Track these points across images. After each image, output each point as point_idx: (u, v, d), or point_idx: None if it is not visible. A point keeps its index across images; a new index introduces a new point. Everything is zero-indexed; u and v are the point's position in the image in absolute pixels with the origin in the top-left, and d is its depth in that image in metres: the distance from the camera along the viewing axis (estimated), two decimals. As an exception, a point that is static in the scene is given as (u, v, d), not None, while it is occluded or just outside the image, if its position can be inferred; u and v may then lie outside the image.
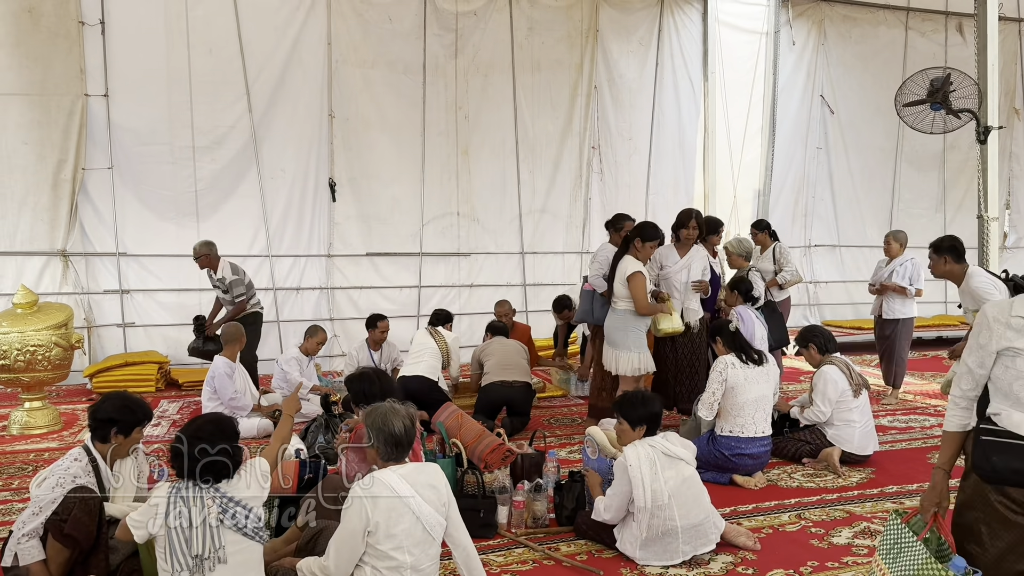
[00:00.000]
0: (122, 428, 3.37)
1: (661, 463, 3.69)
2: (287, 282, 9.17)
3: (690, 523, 3.66)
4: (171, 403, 7.59)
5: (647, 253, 5.67)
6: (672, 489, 3.66)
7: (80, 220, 8.43)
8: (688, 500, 3.70)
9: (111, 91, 8.38)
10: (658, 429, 3.90)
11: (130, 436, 3.38)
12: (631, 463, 3.66)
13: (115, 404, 3.42)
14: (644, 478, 3.63)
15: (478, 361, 6.54)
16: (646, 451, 3.71)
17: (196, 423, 3.04)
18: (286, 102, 8.97)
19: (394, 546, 2.87)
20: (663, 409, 4.07)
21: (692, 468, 3.82)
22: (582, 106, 10.16)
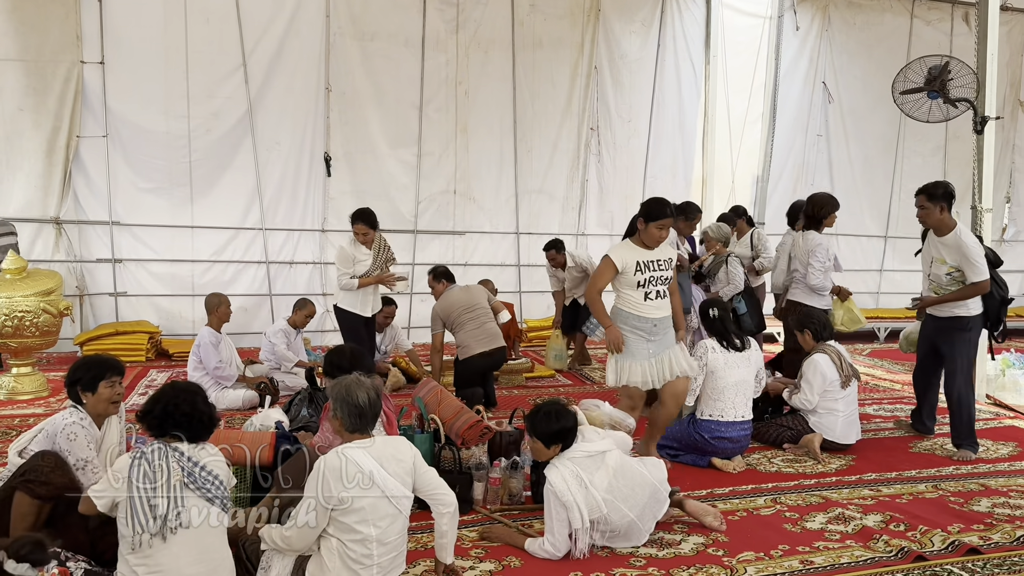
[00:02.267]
0: (86, 384, 3.38)
1: (587, 471, 3.51)
2: (280, 256, 9.17)
3: (641, 506, 3.61)
4: (160, 373, 7.62)
5: (654, 235, 4.61)
6: (607, 489, 3.50)
7: (74, 188, 8.43)
8: (629, 488, 3.57)
9: (107, 59, 8.34)
10: (574, 439, 3.61)
11: (97, 392, 3.39)
12: (558, 489, 3.42)
13: (76, 365, 3.48)
14: (576, 498, 3.43)
15: (442, 320, 6.28)
16: (569, 469, 3.49)
17: (176, 385, 3.06)
18: (283, 74, 8.93)
19: (359, 519, 2.88)
20: (576, 420, 3.68)
21: (616, 452, 3.65)
22: (582, 86, 10.09)
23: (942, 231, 5.03)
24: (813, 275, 5.69)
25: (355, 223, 6.17)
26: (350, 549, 2.91)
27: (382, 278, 6.25)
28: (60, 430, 3.29)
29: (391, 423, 4.07)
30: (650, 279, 4.58)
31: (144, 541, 2.75)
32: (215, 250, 8.98)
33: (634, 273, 4.56)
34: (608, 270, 4.61)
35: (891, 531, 3.90)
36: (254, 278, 9.13)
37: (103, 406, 3.45)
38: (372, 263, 6.21)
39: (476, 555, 3.57)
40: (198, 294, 8.51)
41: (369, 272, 6.21)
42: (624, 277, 4.60)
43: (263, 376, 6.62)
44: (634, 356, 4.58)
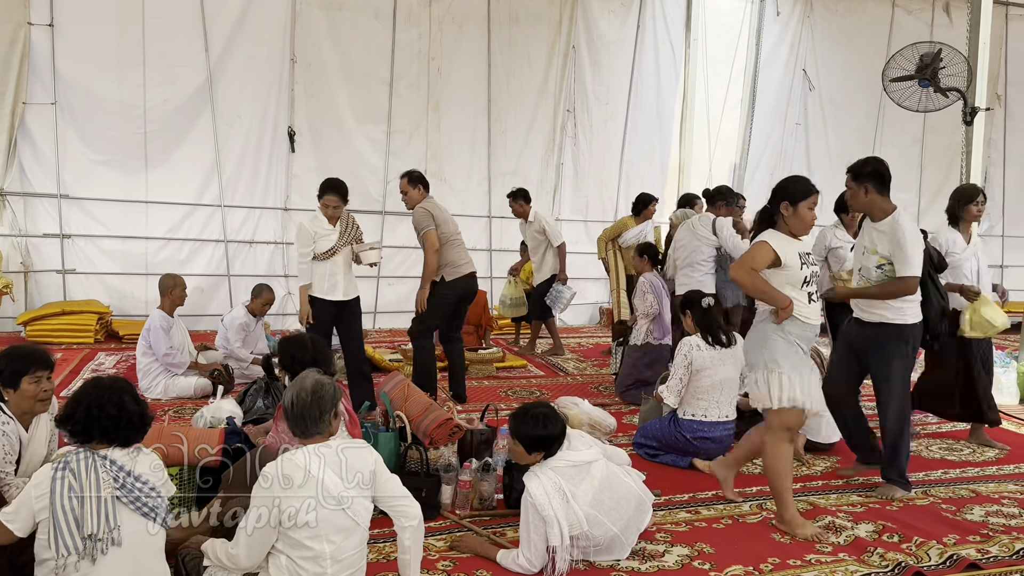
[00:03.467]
0: (6, 379, 3.01)
1: (571, 483, 3.22)
2: (240, 235, 8.75)
3: (626, 519, 3.34)
4: (109, 356, 7.22)
5: (807, 219, 3.68)
6: (591, 504, 3.22)
7: (19, 158, 7.94)
8: (614, 502, 3.31)
9: (56, 21, 7.85)
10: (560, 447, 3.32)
11: (20, 388, 3.01)
12: (538, 501, 3.13)
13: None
14: (557, 512, 3.13)
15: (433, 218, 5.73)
16: (551, 479, 3.19)
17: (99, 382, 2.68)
18: (245, 43, 8.49)
19: (311, 535, 2.57)
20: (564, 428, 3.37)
21: (601, 461, 3.37)
22: (559, 66, 9.76)
23: (876, 216, 4.16)
24: None
25: (325, 194, 5.45)
26: (301, 567, 2.60)
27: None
28: None
29: (354, 422, 3.74)
30: (811, 276, 3.73)
31: (70, 564, 2.41)
32: (170, 227, 8.52)
33: (800, 268, 3.66)
34: (765, 256, 3.61)
35: (885, 543, 3.68)
36: (211, 257, 8.70)
37: (28, 404, 3.07)
38: (338, 240, 5.47)
39: (443, 568, 3.27)
40: (152, 273, 8.09)
41: (336, 250, 5.45)
42: (789, 274, 3.64)
43: (217, 363, 6.23)
44: (800, 371, 3.66)
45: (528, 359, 7.65)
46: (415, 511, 2.79)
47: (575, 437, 3.37)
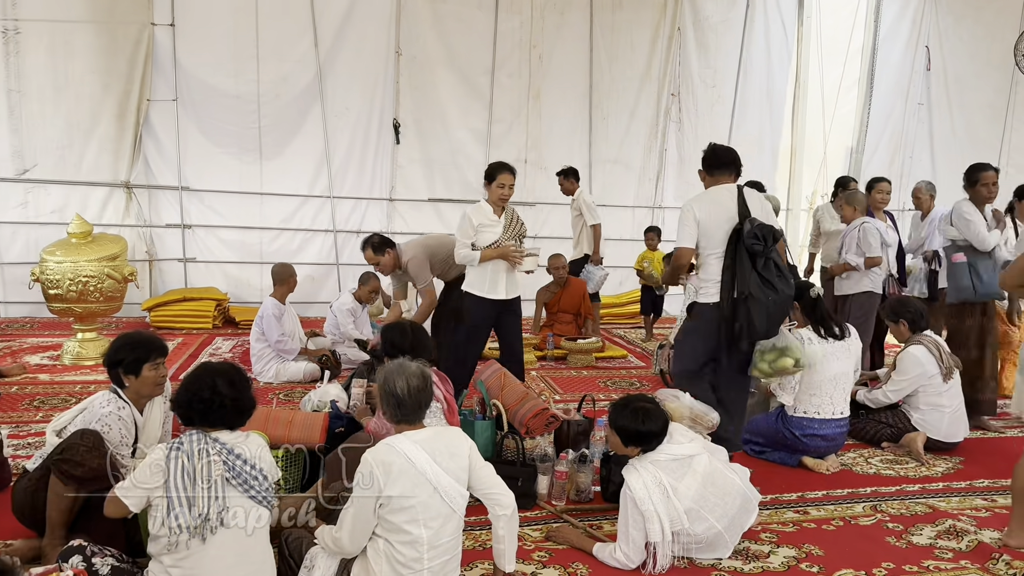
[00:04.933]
0: (128, 366, 3.15)
1: (672, 477, 3.11)
2: (347, 225, 8.98)
3: (730, 517, 3.21)
4: (226, 340, 7.53)
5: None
6: (694, 499, 3.12)
7: (144, 152, 8.38)
8: (718, 498, 3.19)
9: (177, 21, 8.23)
10: (660, 443, 3.21)
11: (141, 375, 3.16)
12: (638, 495, 3.04)
13: (117, 344, 3.21)
14: (657, 508, 3.05)
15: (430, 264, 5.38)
16: (651, 474, 3.10)
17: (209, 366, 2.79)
18: (353, 37, 8.68)
19: (408, 519, 2.58)
20: (667, 422, 3.25)
21: (704, 455, 3.24)
22: (663, 49, 9.53)
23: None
24: None
25: (498, 173, 4.87)
26: (398, 551, 2.62)
27: (505, 250, 4.90)
28: (96, 419, 3.07)
29: (452, 410, 3.77)
30: None
31: (182, 541, 2.51)
32: (283, 217, 8.85)
33: None
34: None
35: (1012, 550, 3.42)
36: (321, 247, 8.98)
37: (147, 389, 3.23)
38: (503, 234, 4.92)
39: (539, 559, 3.25)
40: (266, 262, 8.41)
41: (499, 244, 4.92)
42: None
43: (325, 349, 6.43)
44: None
45: (629, 350, 7.54)
46: (509, 500, 2.77)
47: (676, 430, 3.27)
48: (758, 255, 3.98)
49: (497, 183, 4.85)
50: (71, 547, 2.62)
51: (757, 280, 3.96)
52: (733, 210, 4.12)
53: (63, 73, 8.00)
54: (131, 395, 3.20)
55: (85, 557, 2.55)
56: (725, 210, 4.11)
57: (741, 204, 4.13)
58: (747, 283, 3.95)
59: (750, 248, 3.96)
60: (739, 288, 3.98)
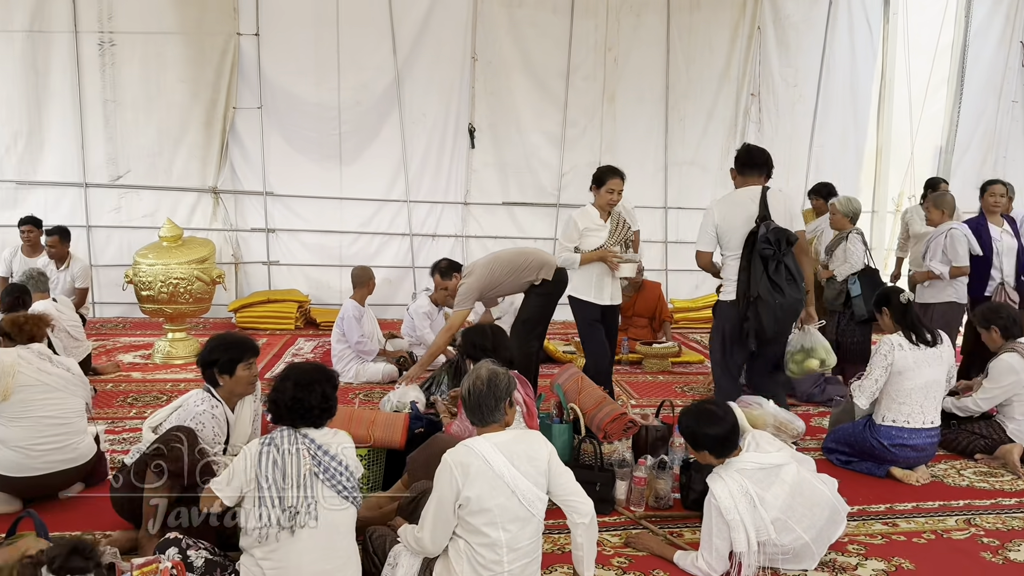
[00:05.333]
0: (224, 366, 3.27)
1: (759, 486, 3.02)
2: (423, 228, 9.11)
3: (818, 528, 3.12)
4: (307, 341, 7.72)
5: None
6: (782, 509, 3.03)
7: (230, 159, 8.66)
8: (806, 508, 3.10)
9: (261, 30, 8.48)
10: (733, 449, 3.15)
11: (235, 375, 3.28)
12: (723, 504, 2.97)
13: (212, 345, 3.33)
14: (743, 517, 2.97)
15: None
16: (737, 482, 3.02)
17: (298, 367, 2.88)
18: (430, 44, 8.79)
19: (487, 521, 2.60)
20: (736, 426, 3.16)
21: (793, 465, 3.15)
22: (742, 49, 9.36)
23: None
24: None
25: (608, 178, 4.84)
26: (478, 553, 2.64)
27: (604, 253, 4.90)
28: (191, 416, 3.19)
29: (531, 413, 3.78)
30: None
31: (271, 534, 2.59)
32: (362, 221, 9.02)
33: None
34: None
35: (1124, 574, 3.23)
36: (398, 250, 9.13)
37: (241, 388, 3.35)
38: (608, 238, 4.93)
39: (619, 564, 3.23)
40: (345, 265, 8.59)
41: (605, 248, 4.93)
42: None
43: (403, 351, 6.54)
44: None
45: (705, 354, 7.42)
46: (587, 508, 2.76)
47: (763, 439, 3.19)
48: (769, 259, 4.11)
49: (606, 188, 4.83)
50: (167, 539, 2.73)
51: (767, 283, 4.11)
52: (753, 212, 4.23)
53: (155, 83, 8.35)
54: (224, 394, 3.31)
55: (181, 549, 2.65)
56: (744, 212, 4.24)
57: (762, 206, 4.23)
58: (757, 286, 4.12)
59: (761, 252, 4.11)
60: (750, 290, 4.15)
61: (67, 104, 8.25)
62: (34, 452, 3.51)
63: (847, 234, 5.98)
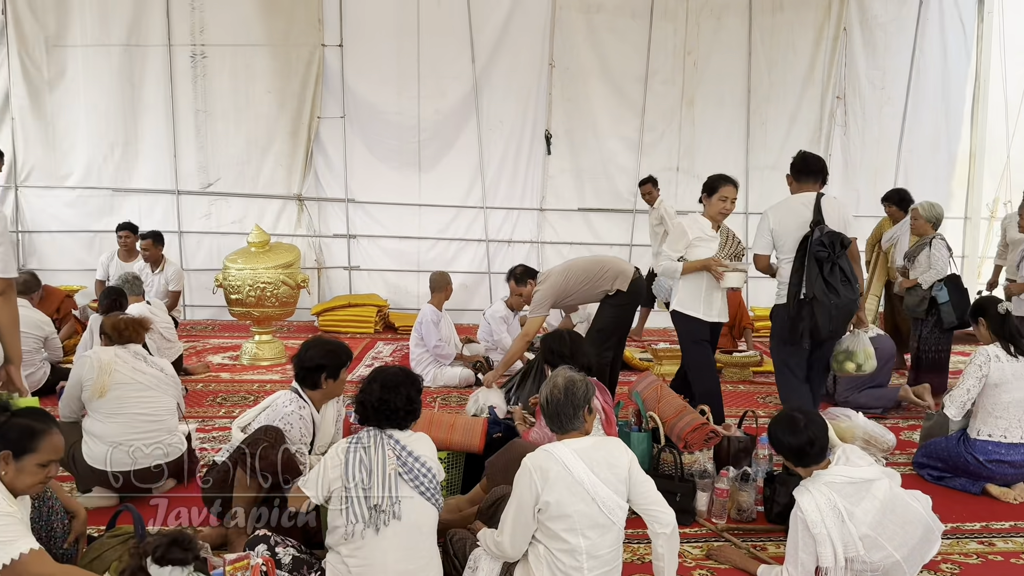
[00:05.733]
0: (331, 372, 3.36)
1: (848, 501, 2.90)
2: (499, 234, 9.17)
3: (911, 547, 2.98)
4: (386, 345, 7.86)
5: None
6: (872, 525, 2.90)
7: (314, 167, 8.91)
8: (898, 526, 2.96)
9: (345, 41, 8.70)
10: (819, 457, 3.03)
11: (338, 379, 3.37)
12: (810, 518, 2.86)
13: (320, 350, 3.41)
14: (830, 532, 2.86)
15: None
16: (825, 496, 2.90)
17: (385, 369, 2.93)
18: (508, 51, 8.87)
19: (566, 527, 2.59)
20: (824, 433, 3.03)
21: (885, 480, 3.02)
22: (827, 51, 9.12)
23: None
24: None
25: (721, 186, 4.61)
26: (558, 559, 2.64)
27: (708, 262, 4.57)
28: (279, 417, 3.28)
29: (610, 420, 3.75)
30: None
31: (357, 532, 2.65)
32: (439, 228, 9.15)
33: None
34: None
35: None
36: (474, 256, 9.22)
37: (339, 390, 3.45)
38: (719, 250, 4.65)
39: (700, 576, 3.17)
40: (423, 270, 8.73)
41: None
42: None
43: (479, 355, 6.59)
44: None
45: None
46: (669, 518, 2.73)
47: (854, 453, 3.08)
48: (823, 261, 4.17)
49: (719, 196, 4.59)
50: (257, 536, 2.81)
51: (822, 284, 4.16)
52: (807, 217, 4.31)
53: (243, 94, 8.66)
54: (318, 396, 3.40)
55: (270, 546, 2.73)
56: (798, 217, 4.32)
57: (816, 212, 4.31)
58: (812, 287, 4.16)
59: (816, 255, 4.16)
60: (805, 291, 4.18)
61: (161, 115, 8.64)
62: (129, 447, 3.67)
63: (930, 240, 5.82)
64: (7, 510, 2.31)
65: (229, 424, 4.87)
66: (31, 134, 8.57)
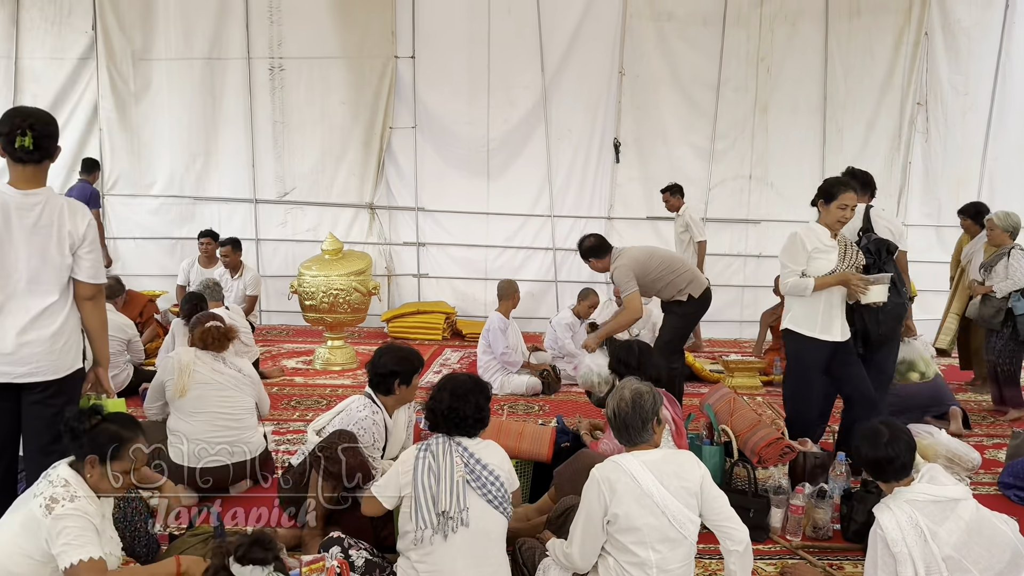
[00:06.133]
0: (404, 378, 3.41)
1: (931, 520, 2.78)
2: (567, 243, 9.15)
3: (996, 571, 2.82)
4: (454, 352, 7.92)
5: None
6: (956, 547, 2.77)
7: (386, 176, 9.06)
8: (984, 549, 2.82)
9: (417, 53, 8.83)
10: (900, 474, 2.89)
11: (411, 384, 3.42)
12: (891, 536, 2.75)
13: (393, 356, 3.47)
14: (912, 552, 2.74)
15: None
16: (906, 514, 2.79)
17: (455, 377, 2.97)
18: (577, 60, 8.88)
19: (635, 540, 2.57)
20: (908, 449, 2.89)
21: (971, 501, 2.89)
22: (907, 56, 8.85)
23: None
24: None
25: (840, 192, 4.16)
26: (627, 572, 2.62)
27: (847, 276, 4.13)
28: (353, 421, 3.35)
29: (680, 432, 3.71)
30: None
31: (426, 538, 2.68)
32: (507, 236, 9.20)
33: None
34: None
35: None
36: (541, 264, 9.23)
37: (412, 396, 3.51)
38: (839, 263, 4.19)
39: (773, 594, 3.10)
40: (490, 278, 8.79)
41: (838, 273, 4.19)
42: None
43: (546, 364, 6.59)
44: None
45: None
46: (742, 535, 2.68)
47: (938, 472, 2.97)
48: (869, 267, 4.30)
49: (838, 203, 4.15)
50: (331, 538, 2.87)
51: None
52: (856, 226, 4.52)
53: (319, 105, 8.87)
54: (391, 402, 3.46)
55: (343, 548, 2.79)
56: (848, 227, 4.43)
57: (865, 220, 4.56)
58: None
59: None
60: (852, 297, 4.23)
61: (240, 126, 8.91)
62: (209, 445, 3.79)
63: (1008, 250, 5.71)
64: (88, 510, 2.41)
65: (303, 427, 5.00)
66: (117, 144, 8.94)
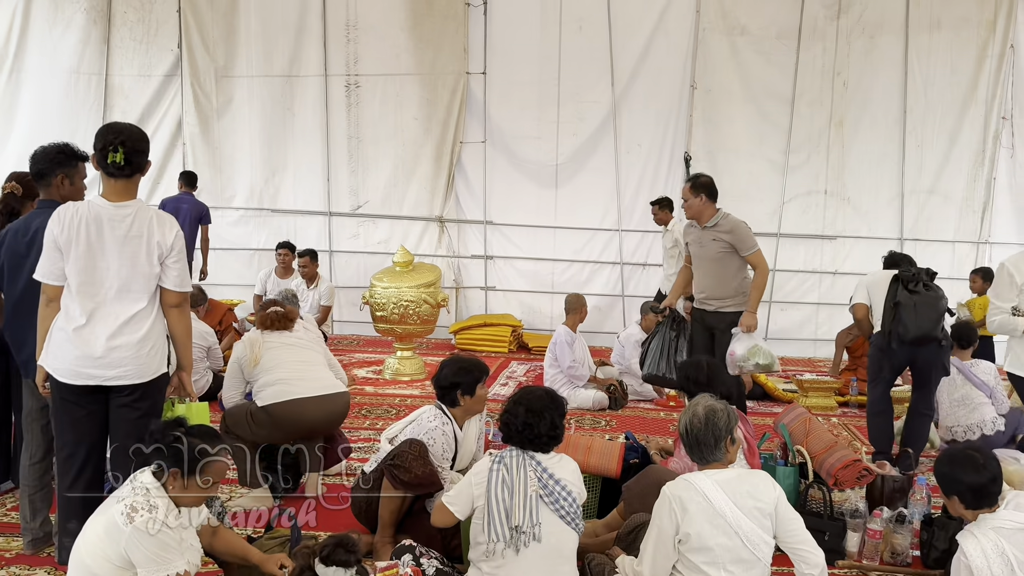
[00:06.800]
0: (466, 388, 3.45)
1: (1019, 549, 2.65)
2: (634, 257, 9.14)
3: None
4: (520, 364, 7.96)
5: None
6: None
7: (455, 190, 9.19)
8: None
9: (488, 70, 8.95)
10: (994, 499, 2.81)
11: (476, 394, 3.46)
12: (975, 563, 2.67)
13: (453, 368, 3.51)
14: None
15: None
16: (992, 541, 2.69)
17: (531, 392, 2.98)
18: (648, 74, 8.87)
19: (708, 560, 2.54)
20: (997, 478, 2.80)
21: None
22: (991, 70, 8.58)
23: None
24: None
25: None
26: (700, 593, 2.59)
27: None
28: (424, 431, 3.39)
29: (753, 452, 3.65)
30: None
31: (498, 550, 2.70)
32: (574, 250, 9.21)
33: None
34: None
35: None
36: (608, 278, 9.21)
37: (479, 406, 3.54)
38: None
39: (849, 621, 3.02)
40: (556, 292, 8.80)
41: None
42: None
43: (613, 379, 6.56)
44: None
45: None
46: (818, 559, 2.62)
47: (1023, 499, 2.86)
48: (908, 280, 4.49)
49: None
50: (403, 546, 2.92)
51: (905, 292, 4.45)
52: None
53: (392, 121, 9.07)
54: (459, 413, 3.50)
55: (415, 557, 2.83)
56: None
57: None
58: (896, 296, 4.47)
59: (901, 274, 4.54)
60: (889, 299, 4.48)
61: (316, 141, 9.17)
62: (292, 380, 3.98)
63: None
64: (172, 523, 2.41)
65: (373, 436, 5.10)
66: (200, 158, 9.28)
